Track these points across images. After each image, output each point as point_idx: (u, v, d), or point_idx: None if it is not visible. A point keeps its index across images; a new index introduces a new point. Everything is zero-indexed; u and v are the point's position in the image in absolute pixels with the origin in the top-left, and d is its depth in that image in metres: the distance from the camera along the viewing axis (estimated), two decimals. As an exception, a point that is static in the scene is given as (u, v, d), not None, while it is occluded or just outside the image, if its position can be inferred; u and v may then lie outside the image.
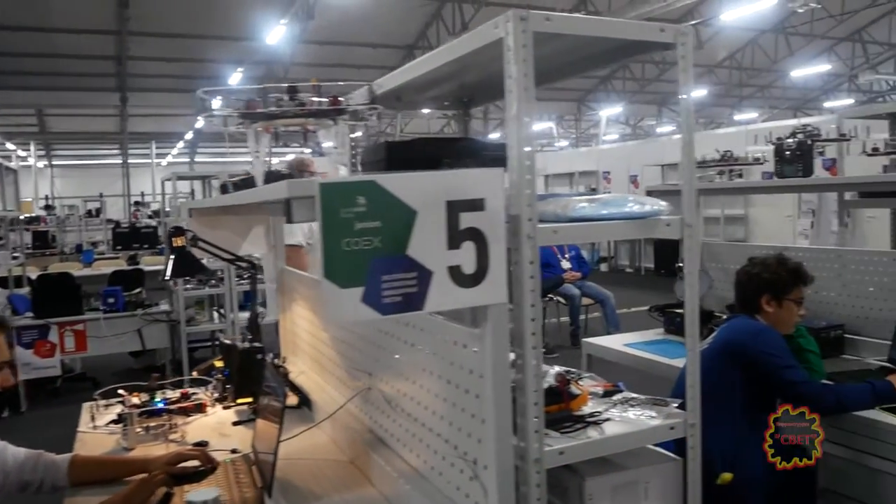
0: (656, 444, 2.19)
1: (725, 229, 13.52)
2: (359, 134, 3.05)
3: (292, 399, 3.36)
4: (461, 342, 1.84)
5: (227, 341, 3.41)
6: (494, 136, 28.84)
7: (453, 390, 1.90)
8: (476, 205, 1.63)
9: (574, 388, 2.23)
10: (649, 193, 4.99)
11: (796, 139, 3.86)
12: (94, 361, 7.96)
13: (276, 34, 17.29)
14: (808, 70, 23.48)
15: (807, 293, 4.33)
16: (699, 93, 25.08)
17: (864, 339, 4.02)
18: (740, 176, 4.29)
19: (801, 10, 17.01)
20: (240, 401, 3.31)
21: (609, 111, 26.40)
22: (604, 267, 16.85)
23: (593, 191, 16.46)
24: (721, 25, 20.57)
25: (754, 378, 3.15)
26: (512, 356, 1.82)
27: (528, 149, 1.82)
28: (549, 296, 9.15)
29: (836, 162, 7.46)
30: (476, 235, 1.63)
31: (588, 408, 2.22)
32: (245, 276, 8.43)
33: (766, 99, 27.96)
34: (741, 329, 3.33)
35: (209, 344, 8.24)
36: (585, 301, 9.16)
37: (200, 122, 25.87)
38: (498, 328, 1.69)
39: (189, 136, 27.78)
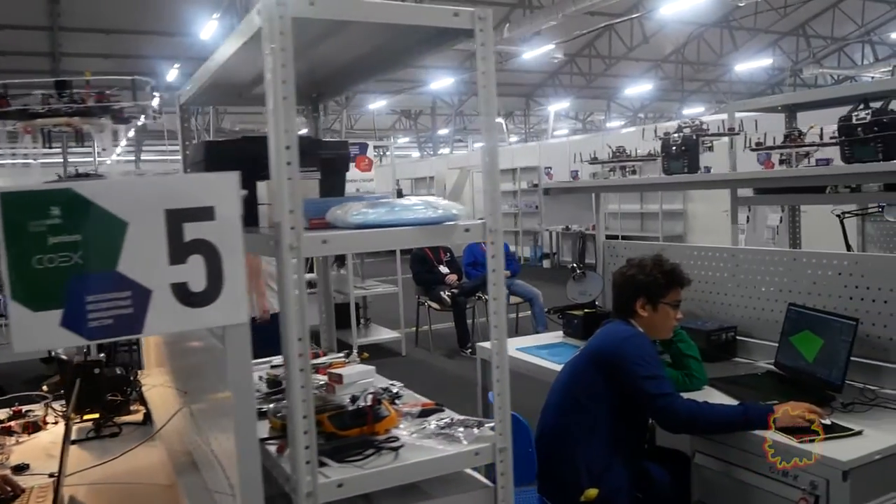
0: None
1: (664, 224, 13.47)
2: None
3: (137, 415, 3.15)
4: (217, 359, 1.63)
5: (64, 356, 3.17)
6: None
7: (223, 416, 1.70)
8: (203, 214, 1.43)
9: (383, 409, 2.04)
10: (546, 191, 4.85)
11: (681, 135, 3.71)
12: (5, 369, 7.62)
13: (209, 29, 16.93)
14: (751, 64, 23.61)
15: (701, 293, 4.22)
16: (644, 87, 25.12)
17: (757, 341, 3.88)
18: (634, 172, 4.13)
19: (741, 4, 17.03)
20: (86, 417, 3.09)
21: (557, 106, 26.33)
22: (546, 263, 16.73)
23: (535, 187, 16.32)
24: (666, 20, 20.59)
25: (619, 387, 2.99)
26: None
27: (289, 148, 1.62)
28: (478, 295, 8.99)
29: (769, 156, 7.31)
30: (205, 248, 1.44)
31: (400, 430, 2.03)
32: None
33: (712, 93, 28.07)
34: (610, 335, 3.17)
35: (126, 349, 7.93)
36: (515, 300, 8.99)
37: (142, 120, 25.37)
38: (239, 351, 1.49)
39: (131, 133, 27.18)
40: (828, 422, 2.80)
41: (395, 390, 2.30)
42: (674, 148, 3.75)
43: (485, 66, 1.83)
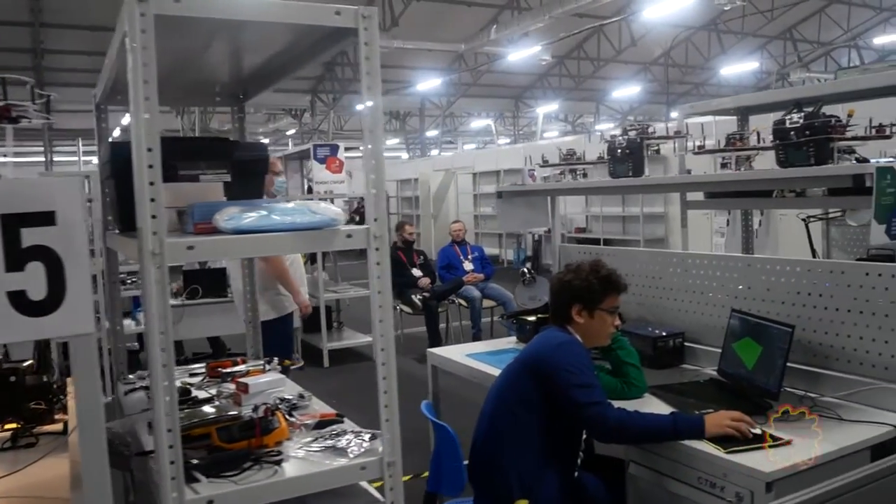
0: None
1: (645, 227, 13.42)
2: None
3: (59, 425, 3.07)
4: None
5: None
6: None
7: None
8: (43, 219, 1.36)
9: (275, 421, 1.98)
10: (499, 195, 4.79)
11: (626, 137, 3.64)
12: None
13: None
14: (738, 67, 23.60)
15: (652, 298, 4.16)
16: (633, 90, 25.09)
17: (705, 347, 3.82)
18: (585, 175, 4.08)
19: (727, 8, 17.01)
20: (7, 427, 3.02)
21: (546, 108, 26.29)
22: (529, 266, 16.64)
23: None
24: (654, 23, 20.57)
25: (551, 395, 2.92)
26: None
27: (151, 150, 1.55)
28: (451, 298, 8.93)
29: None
30: (45, 255, 1.37)
31: (291, 442, 1.97)
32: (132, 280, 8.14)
33: (700, 97, 28.04)
34: (543, 342, 3.11)
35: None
36: (489, 303, 8.93)
37: (127, 119, 25.27)
38: (83, 363, 1.43)
39: (117, 132, 27.05)
40: (758, 431, 2.75)
41: (294, 401, 2.23)
42: (619, 151, 3.69)
43: (369, 67, 1.76)
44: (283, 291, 5.70)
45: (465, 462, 3.05)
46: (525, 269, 4.33)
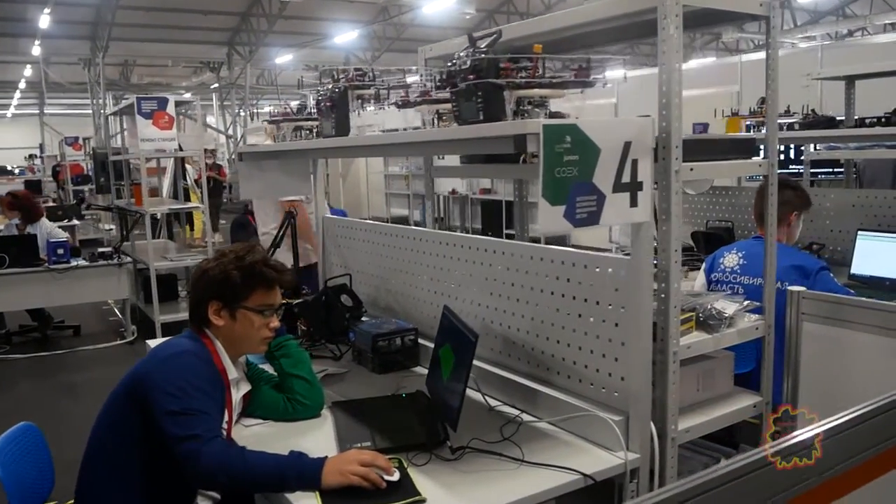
0: None
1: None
2: None
3: None
4: None
5: None
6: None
7: None
8: None
9: None
10: (240, 157, 4.00)
11: (332, 88, 2.87)
12: None
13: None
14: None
15: (401, 285, 3.42)
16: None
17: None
18: (317, 134, 3.32)
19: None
20: None
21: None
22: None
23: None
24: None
25: (152, 424, 2.17)
26: None
27: None
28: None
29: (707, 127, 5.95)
30: None
31: None
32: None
33: (635, 56, 27.24)
34: (153, 354, 2.36)
35: None
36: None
37: (29, 71, 23.93)
38: None
39: (22, 85, 25.69)
40: (395, 477, 2.04)
41: None
42: (323, 105, 2.92)
43: None
44: (313, 242, 5.23)
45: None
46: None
